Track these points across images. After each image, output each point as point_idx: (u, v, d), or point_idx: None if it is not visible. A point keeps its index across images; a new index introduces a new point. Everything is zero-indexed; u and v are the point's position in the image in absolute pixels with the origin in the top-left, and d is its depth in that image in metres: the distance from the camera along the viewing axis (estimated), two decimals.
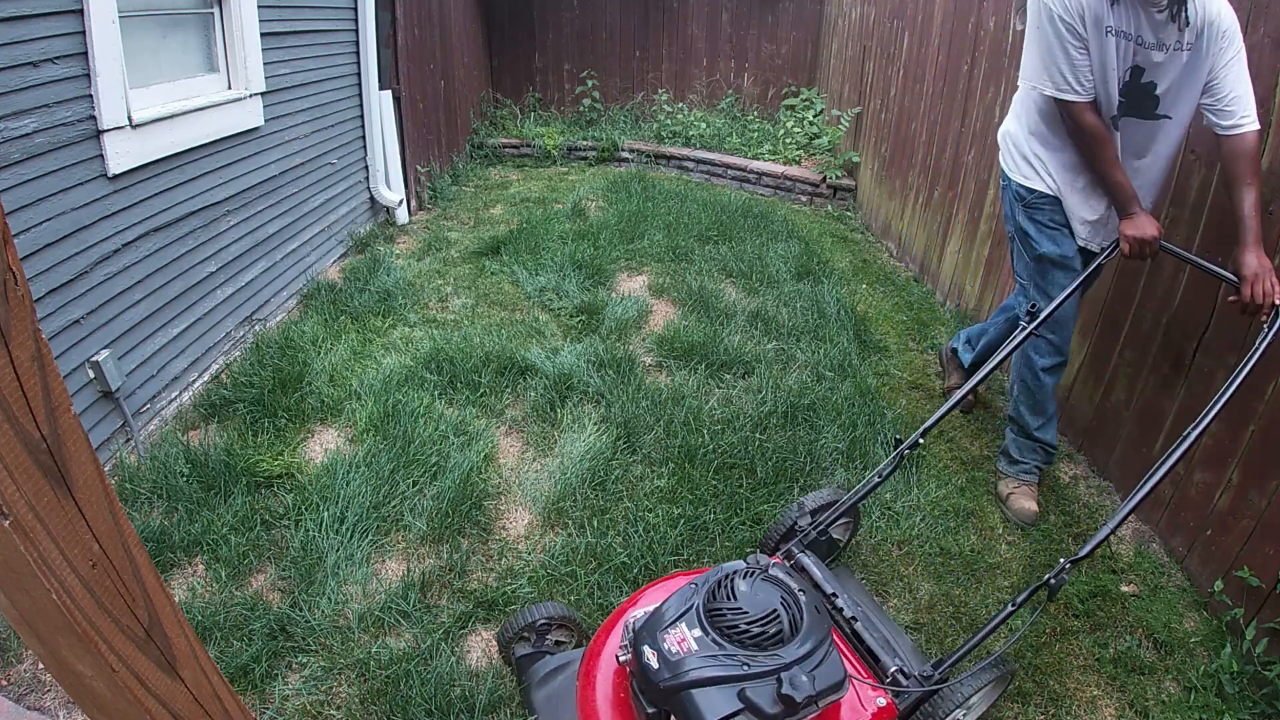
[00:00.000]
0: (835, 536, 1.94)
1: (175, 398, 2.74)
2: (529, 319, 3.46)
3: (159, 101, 2.59)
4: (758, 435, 2.54)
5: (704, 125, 6.47)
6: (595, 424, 2.62)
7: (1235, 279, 1.70)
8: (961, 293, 3.57)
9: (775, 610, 1.17)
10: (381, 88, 4.36)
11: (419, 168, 5.18)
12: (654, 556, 2.01)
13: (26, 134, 2.00)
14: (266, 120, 3.25)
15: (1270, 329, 1.60)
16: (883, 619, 1.65)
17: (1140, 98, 1.89)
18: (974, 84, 3.49)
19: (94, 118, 2.24)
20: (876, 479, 1.72)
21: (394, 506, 2.22)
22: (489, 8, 6.69)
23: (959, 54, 3.65)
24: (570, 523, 2.19)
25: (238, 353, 3.12)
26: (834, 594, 1.54)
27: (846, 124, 5.35)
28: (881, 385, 2.99)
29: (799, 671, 1.10)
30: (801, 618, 1.18)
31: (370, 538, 2.11)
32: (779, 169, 5.72)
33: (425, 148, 5.32)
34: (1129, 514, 1.48)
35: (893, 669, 1.42)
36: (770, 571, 1.26)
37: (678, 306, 3.64)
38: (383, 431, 2.52)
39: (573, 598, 1.93)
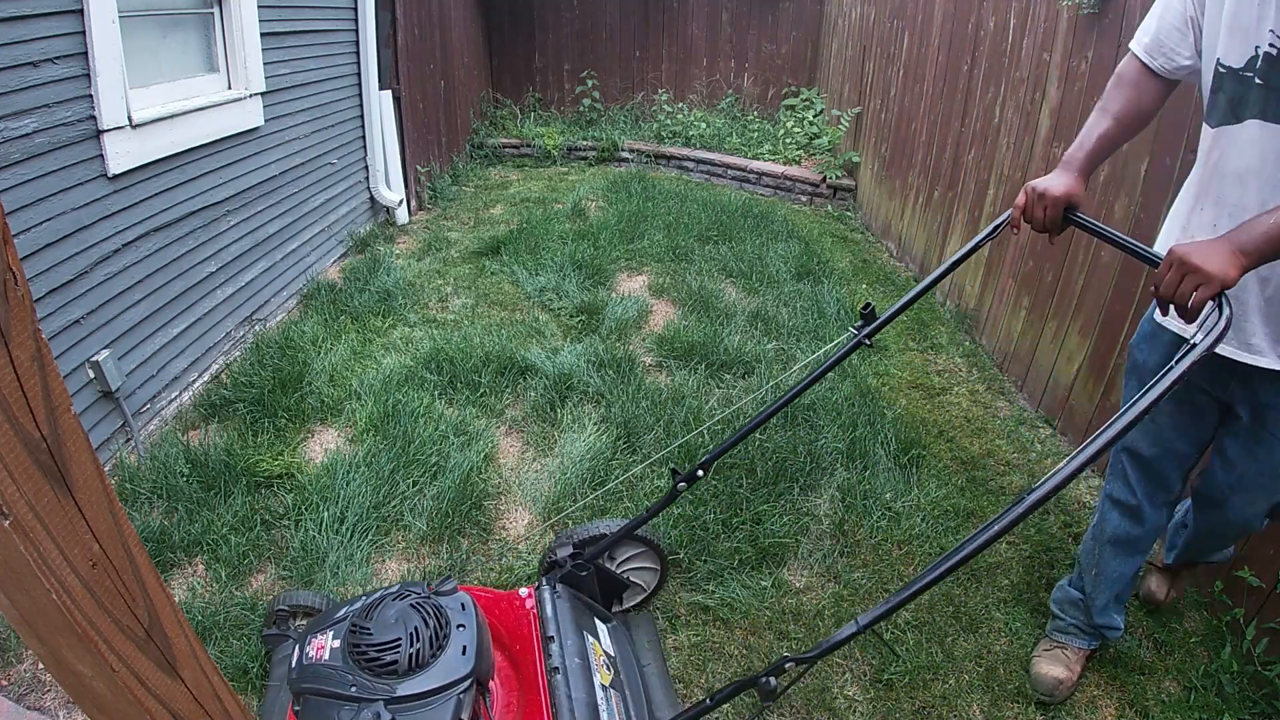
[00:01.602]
0: (632, 578, 1.78)
1: (175, 398, 2.74)
2: (529, 319, 3.46)
3: (159, 101, 2.59)
4: (758, 435, 2.54)
5: (704, 125, 6.47)
6: (595, 424, 2.62)
7: (1155, 260, 1.19)
8: (961, 293, 3.58)
9: (397, 640, 1.12)
10: (381, 88, 4.36)
11: (419, 168, 5.18)
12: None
13: (26, 134, 2.00)
14: (266, 120, 3.25)
15: (1181, 356, 1.03)
16: (632, 688, 1.45)
17: (1269, 79, 1.16)
18: (974, 84, 3.49)
19: (94, 118, 2.23)
20: (646, 513, 1.56)
21: (394, 506, 2.22)
22: (489, 8, 6.69)
23: (959, 54, 3.65)
24: (570, 522, 2.19)
25: (238, 353, 3.12)
26: (550, 637, 1.36)
27: (846, 124, 5.36)
28: (881, 385, 2.99)
29: (382, 709, 1.06)
30: (434, 655, 1.12)
31: (370, 538, 2.11)
32: (779, 169, 5.72)
33: (425, 148, 5.32)
34: (879, 617, 1.03)
35: None
36: (432, 599, 1.20)
37: (678, 306, 3.64)
38: (383, 431, 2.52)
39: None
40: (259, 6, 3.10)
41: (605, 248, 4.24)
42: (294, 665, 1.16)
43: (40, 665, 1.73)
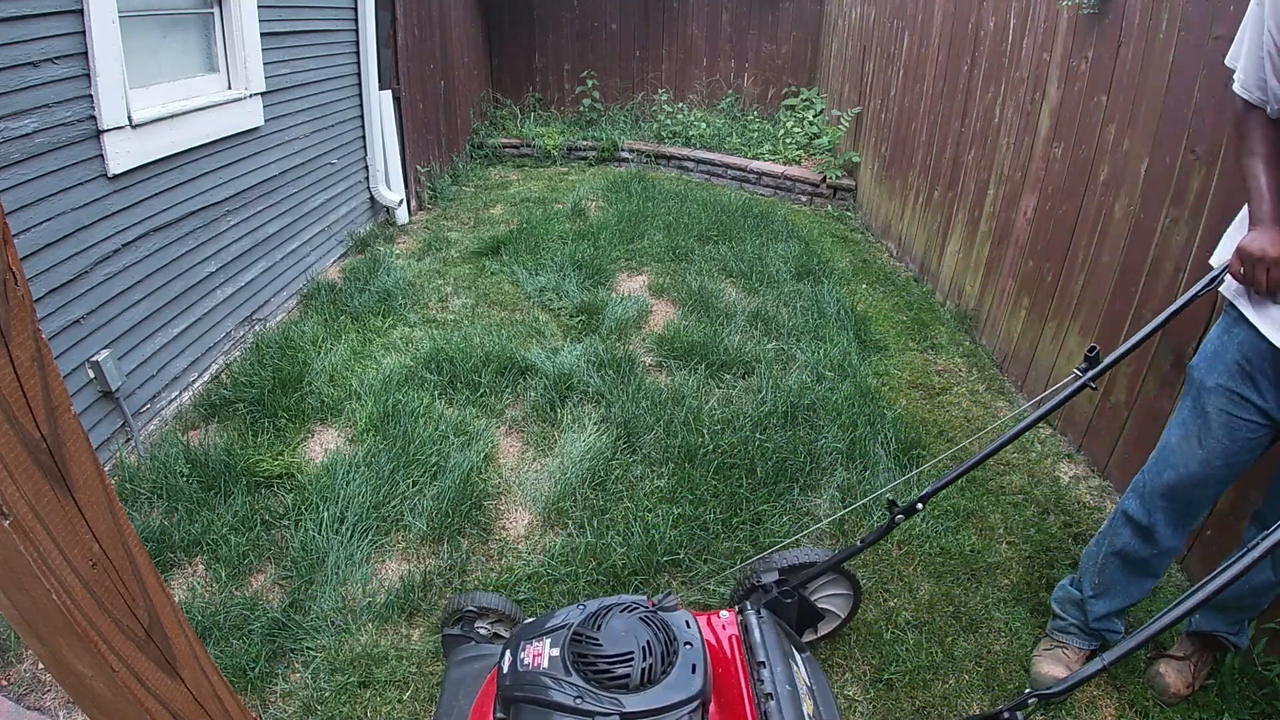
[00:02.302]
0: (823, 605, 1.74)
1: (175, 398, 2.74)
2: (529, 319, 3.46)
3: (159, 101, 2.59)
4: (758, 435, 2.54)
5: (704, 125, 6.47)
6: (595, 424, 2.62)
7: None
8: (961, 293, 3.58)
9: (630, 653, 1.10)
10: (381, 88, 4.36)
11: (419, 168, 5.18)
12: (654, 556, 2.01)
13: (26, 134, 2.00)
14: (266, 120, 3.25)
15: None
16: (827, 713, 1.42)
17: None
18: (974, 84, 3.49)
19: (94, 118, 2.24)
20: (859, 544, 1.54)
21: (394, 506, 2.22)
22: (489, 8, 6.69)
23: (959, 54, 3.65)
24: (570, 523, 2.19)
25: (238, 353, 3.12)
26: (761, 662, 1.34)
27: (846, 124, 5.36)
28: (881, 385, 2.99)
29: None
30: (664, 671, 1.09)
31: (370, 538, 2.11)
32: (779, 169, 5.72)
33: (425, 148, 5.32)
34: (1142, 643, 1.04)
35: None
36: (658, 614, 1.18)
37: (678, 306, 3.64)
38: (383, 431, 2.52)
39: (573, 597, 1.93)
40: (259, 6, 3.10)
41: (605, 248, 4.24)
42: (507, 671, 1.14)
43: (40, 665, 1.73)
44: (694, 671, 1.10)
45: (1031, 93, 2.95)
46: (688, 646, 1.14)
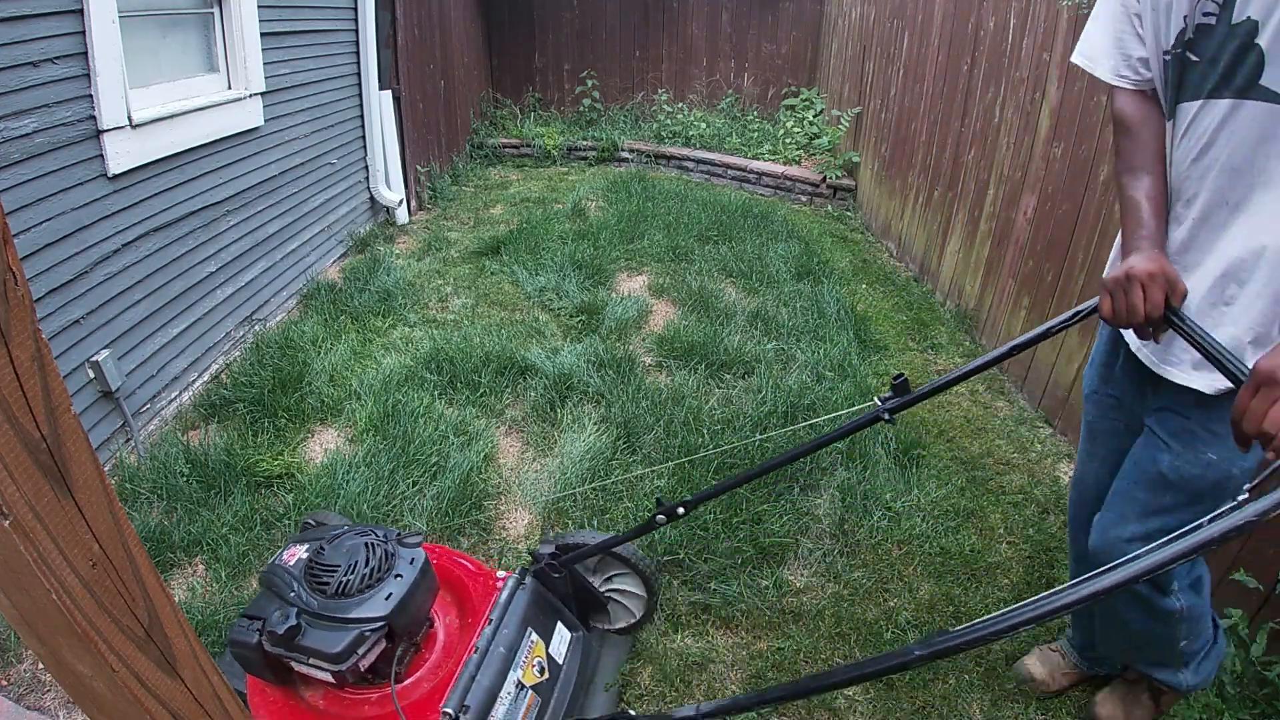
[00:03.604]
0: (611, 595, 1.79)
1: (175, 398, 2.74)
2: (529, 319, 3.46)
3: (159, 101, 2.59)
4: (758, 435, 2.54)
5: (704, 125, 6.47)
6: (595, 424, 2.62)
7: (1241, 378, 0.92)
8: (961, 293, 3.58)
9: (336, 566, 1.27)
10: (381, 88, 4.36)
11: (419, 168, 5.18)
12: (654, 556, 2.01)
13: (26, 134, 2.00)
14: (266, 120, 3.25)
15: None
16: (560, 697, 1.47)
17: (1220, 56, 1.00)
18: (974, 84, 3.49)
19: (94, 118, 2.24)
20: (621, 535, 1.56)
21: (394, 506, 2.22)
22: (489, 8, 6.69)
23: (959, 54, 3.65)
24: (570, 523, 2.19)
25: (238, 353, 3.12)
26: (490, 620, 1.42)
27: (846, 124, 5.36)
28: (881, 386, 2.98)
29: (294, 615, 1.20)
30: (360, 590, 1.24)
31: None
32: (779, 169, 5.72)
33: (425, 148, 5.32)
34: None
35: (450, 710, 1.26)
36: (390, 546, 1.33)
37: (678, 306, 3.64)
38: (383, 431, 2.52)
39: None
40: (259, 6, 3.10)
41: (605, 248, 4.24)
42: (271, 560, 1.35)
43: (40, 665, 1.73)
44: (387, 599, 1.24)
45: (1031, 93, 2.95)
46: (396, 578, 1.27)
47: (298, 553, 1.33)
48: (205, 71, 2.98)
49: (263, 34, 3.16)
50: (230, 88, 3.05)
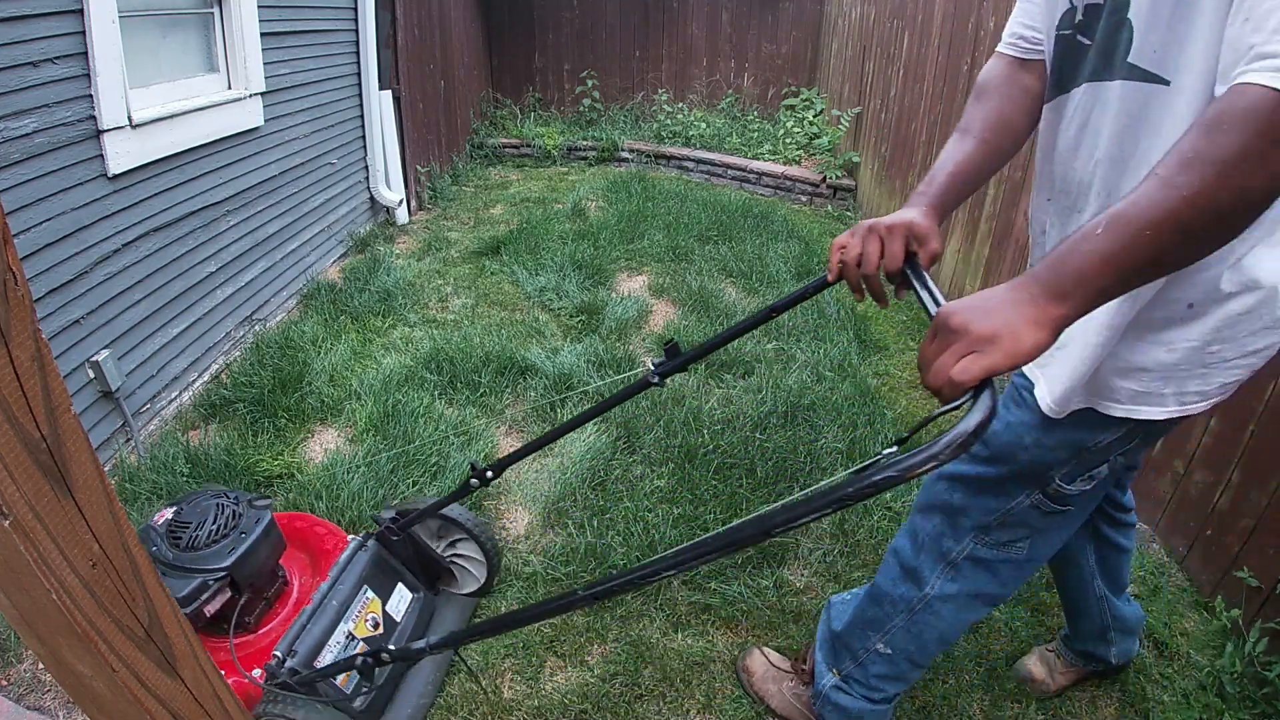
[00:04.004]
0: (454, 560, 1.88)
1: (175, 398, 2.74)
2: (529, 319, 3.46)
3: (159, 101, 2.59)
4: (758, 435, 2.54)
5: (704, 125, 6.47)
6: (595, 424, 2.61)
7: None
8: (961, 293, 3.58)
9: (188, 523, 1.44)
10: (381, 88, 4.36)
11: (419, 168, 5.18)
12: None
13: (26, 134, 2.00)
14: (266, 120, 3.25)
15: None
16: (402, 636, 1.62)
17: (1094, 35, 0.93)
18: (974, 84, 3.48)
19: (94, 118, 2.23)
20: (444, 498, 1.64)
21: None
22: (489, 8, 6.69)
23: (959, 54, 3.65)
24: (570, 523, 2.19)
25: (238, 353, 3.12)
26: (329, 579, 1.56)
27: (846, 124, 5.36)
28: (881, 385, 2.99)
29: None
30: (208, 545, 1.41)
31: None
32: (779, 169, 5.72)
33: (425, 148, 5.32)
34: None
35: (279, 653, 1.39)
36: (240, 507, 1.49)
37: (678, 306, 3.64)
38: (383, 431, 2.52)
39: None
40: (259, 6, 3.10)
41: (605, 248, 4.24)
42: (146, 524, 1.48)
43: (40, 665, 1.73)
44: (229, 554, 1.40)
45: None
46: (240, 535, 1.43)
47: (166, 514, 1.49)
48: (205, 71, 2.98)
49: (263, 34, 3.16)
50: (230, 88, 3.05)
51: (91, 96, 2.22)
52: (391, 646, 1.29)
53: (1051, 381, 1.06)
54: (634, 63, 6.94)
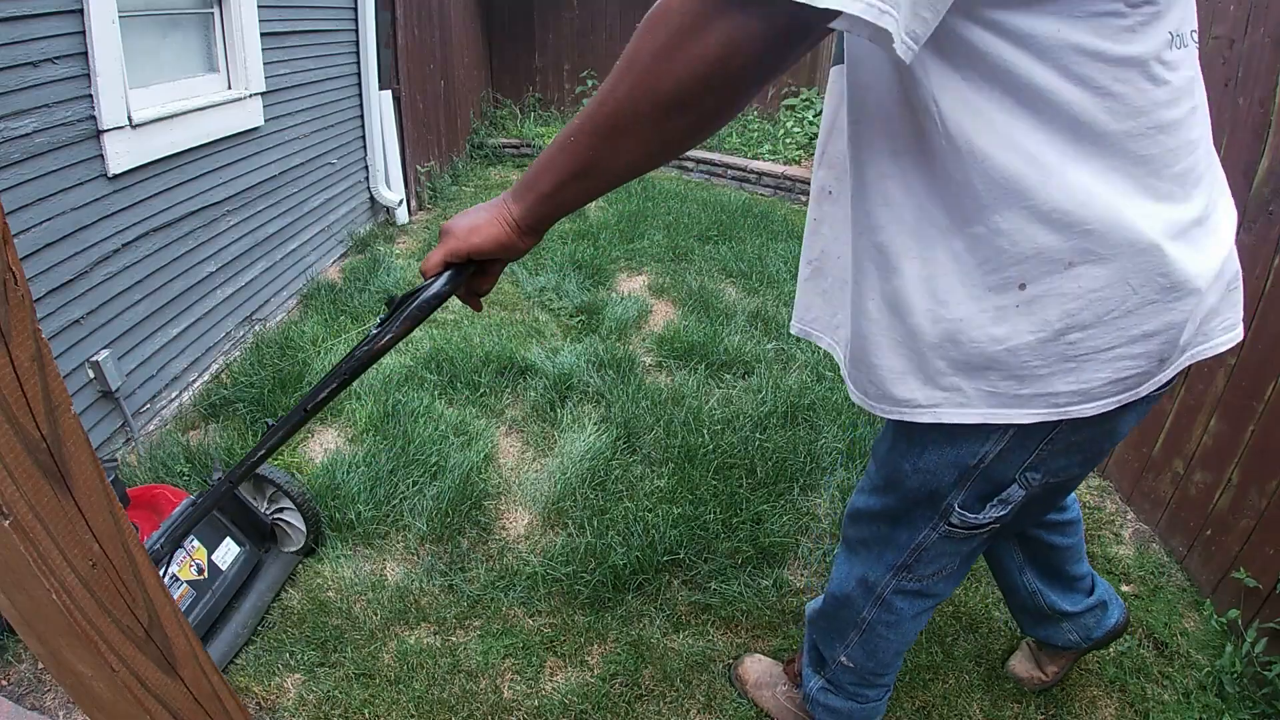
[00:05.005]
0: (278, 520, 2.00)
1: (175, 397, 2.74)
2: (529, 319, 3.46)
3: (159, 101, 2.59)
4: (758, 435, 2.54)
5: None
6: (595, 424, 2.62)
7: None
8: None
9: None
10: (381, 88, 4.36)
11: (419, 168, 5.18)
12: (654, 556, 2.01)
13: (26, 134, 1.99)
14: (266, 120, 3.25)
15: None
16: (212, 598, 1.74)
17: None
18: None
19: (94, 118, 2.23)
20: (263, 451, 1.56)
21: (394, 506, 2.22)
22: (489, 8, 6.69)
23: None
24: (570, 522, 2.19)
25: (237, 353, 3.12)
26: (165, 531, 1.62)
27: None
28: None
29: None
30: None
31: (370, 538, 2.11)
32: (779, 169, 5.72)
33: (425, 148, 5.32)
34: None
35: None
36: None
37: (678, 306, 3.64)
38: (382, 431, 2.52)
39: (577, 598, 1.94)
40: (259, 6, 3.10)
41: (605, 248, 4.24)
42: None
43: (40, 665, 1.73)
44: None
45: None
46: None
47: None
48: (205, 71, 2.98)
49: (263, 34, 3.16)
50: (230, 88, 3.05)
51: (91, 96, 2.22)
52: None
53: (844, 366, 1.01)
54: None
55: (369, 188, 4.54)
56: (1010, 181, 0.73)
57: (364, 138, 4.39)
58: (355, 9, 4.06)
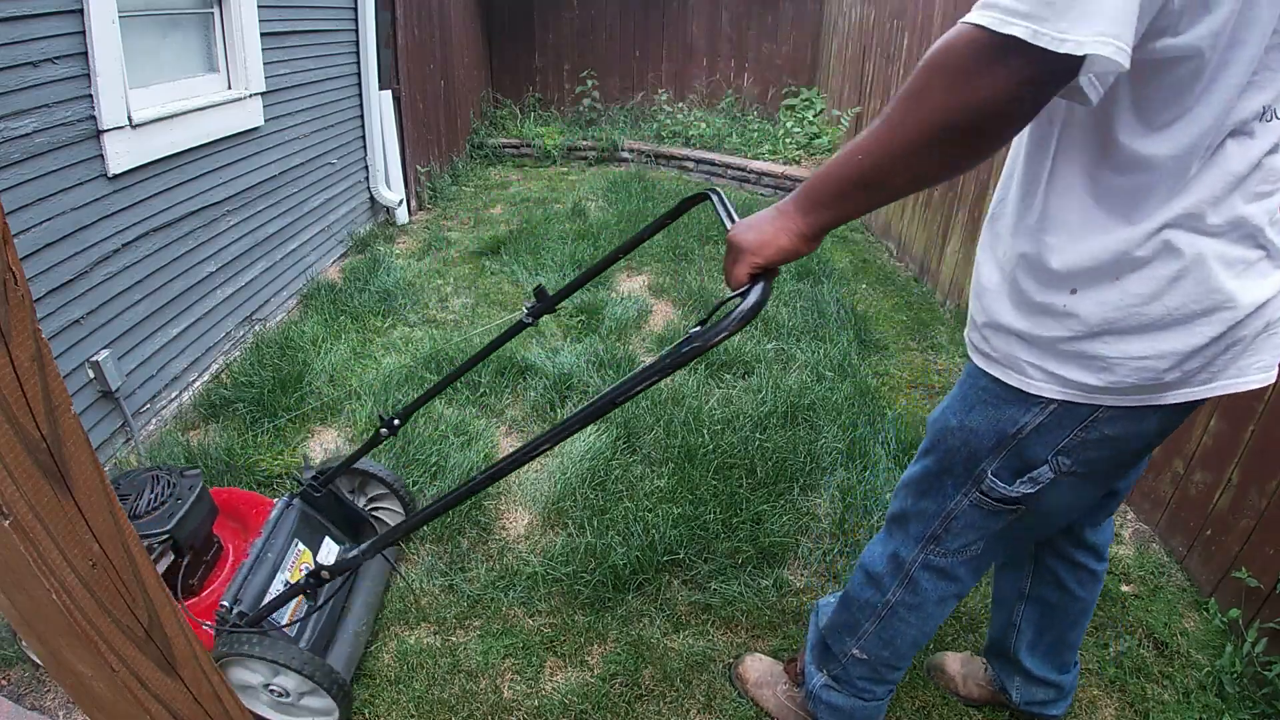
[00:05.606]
0: (376, 513, 2.04)
1: (175, 398, 2.74)
2: None
3: (159, 101, 2.59)
4: (758, 435, 2.54)
5: (704, 125, 6.47)
6: (595, 424, 2.61)
7: None
8: (961, 292, 3.57)
9: (127, 495, 1.54)
10: (381, 88, 4.36)
11: (419, 168, 5.18)
12: (654, 556, 2.01)
13: (26, 134, 2.00)
14: (266, 120, 3.25)
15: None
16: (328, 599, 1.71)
17: None
18: None
19: (94, 118, 2.23)
20: (355, 453, 1.77)
21: None
22: (489, 8, 6.69)
23: None
24: (570, 522, 2.19)
25: (237, 353, 3.12)
26: (262, 535, 1.68)
27: (846, 124, 5.35)
28: (881, 385, 2.99)
29: None
30: (148, 513, 1.51)
31: None
32: (779, 169, 5.72)
33: (425, 148, 5.32)
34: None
35: (226, 602, 1.51)
36: (173, 477, 1.60)
37: (678, 307, 3.64)
38: None
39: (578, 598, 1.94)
40: (259, 6, 3.10)
41: (605, 247, 4.24)
42: None
43: (41, 665, 1.73)
44: (170, 518, 1.51)
45: None
46: (177, 501, 1.55)
47: None
48: (205, 71, 2.98)
49: (263, 34, 3.16)
50: (230, 88, 3.05)
51: (91, 96, 2.22)
52: (325, 571, 1.39)
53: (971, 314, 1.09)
54: (634, 62, 6.94)
55: (369, 188, 4.54)
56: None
57: (364, 138, 4.39)
58: (355, 9, 4.06)
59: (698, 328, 0.91)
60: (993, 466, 1.08)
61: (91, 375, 2.28)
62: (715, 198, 1.16)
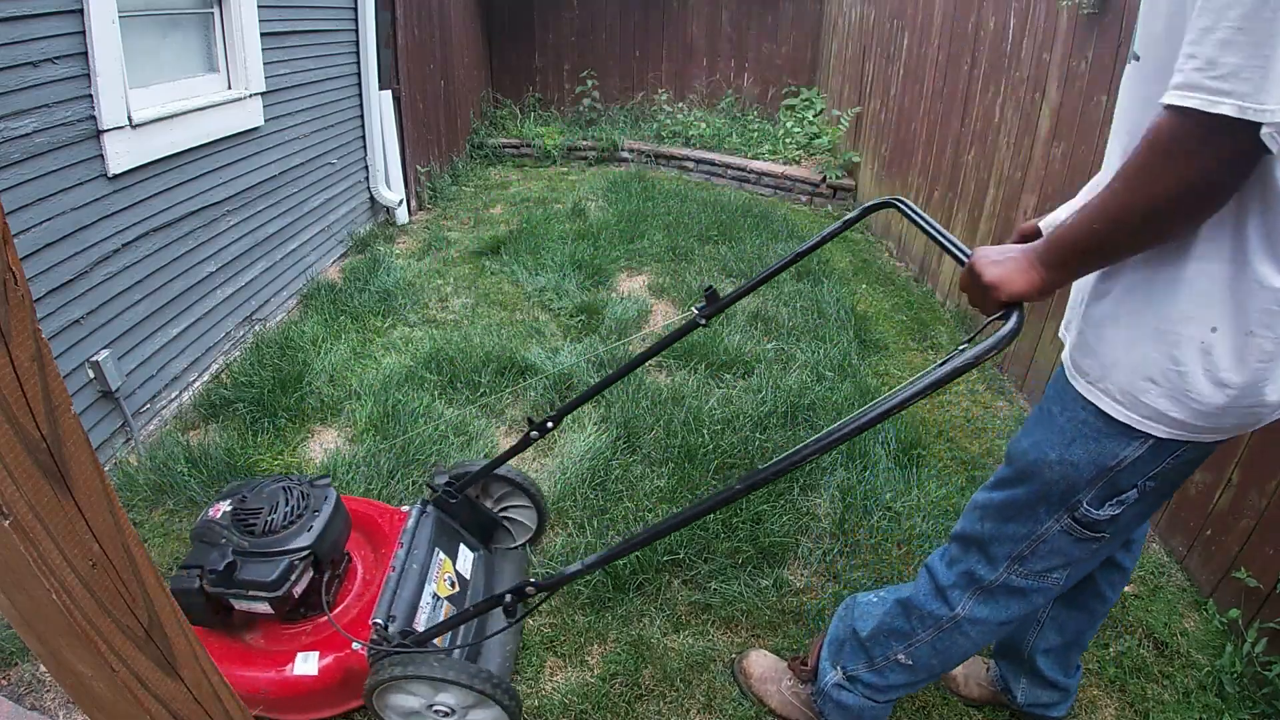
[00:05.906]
0: (509, 515, 2.01)
1: (175, 398, 2.74)
2: (529, 319, 3.46)
3: (159, 101, 2.59)
4: (758, 435, 2.54)
5: (704, 125, 6.47)
6: (595, 424, 2.61)
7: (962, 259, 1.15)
8: (962, 293, 3.57)
9: (259, 509, 1.47)
10: (381, 88, 4.36)
11: (419, 168, 5.18)
12: (654, 556, 2.01)
13: (26, 134, 2.00)
14: (266, 120, 3.25)
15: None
16: (471, 597, 1.69)
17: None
18: (974, 84, 3.49)
19: (94, 118, 2.23)
20: (503, 454, 1.76)
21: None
22: (489, 8, 6.69)
23: (959, 54, 3.65)
24: (570, 522, 2.19)
25: (238, 353, 3.12)
26: (401, 544, 1.63)
27: (846, 124, 5.36)
28: (881, 385, 2.99)
29: (229, 552, 1.39)
30: (285, 527, 1.45)
31: None
32: (779, 169, 5.72)
33: (425, 148, 5.32)
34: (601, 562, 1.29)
35: (379, 620, 1.44)
36: (304, 488, 1.53)
37: (678, 307, 3.64)
38: (383, 431, 2.52)
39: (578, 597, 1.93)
40: (259, 6, 3.10)
41: (605, 247, 4.24)
42: (199, 521, 1.50)
43: (40, 665, 1.73)
44: (309, 531, 1.44)
45: (1031, 93, 2.95)
46: (315, 513, 1.48)
47: (222, 507, 1.51)
48: (205, 71, 2.98)
49: (263, 34, 3.16)
50: (230, 88, 3.05)
51: (91, 96, 2.22)
52: (533, 582, 1.33)
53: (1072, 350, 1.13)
54: (634, 63, 6.94)
55: (369, 188, 4.54)
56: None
57: (364, 138, 4.39)
58: (355, 9, 4.06)
59: (963, 345, 0.99)
60: (1088, 497, 1.11)
61: (91, 375, 2.28)
62: (903, 205, 1.34)
